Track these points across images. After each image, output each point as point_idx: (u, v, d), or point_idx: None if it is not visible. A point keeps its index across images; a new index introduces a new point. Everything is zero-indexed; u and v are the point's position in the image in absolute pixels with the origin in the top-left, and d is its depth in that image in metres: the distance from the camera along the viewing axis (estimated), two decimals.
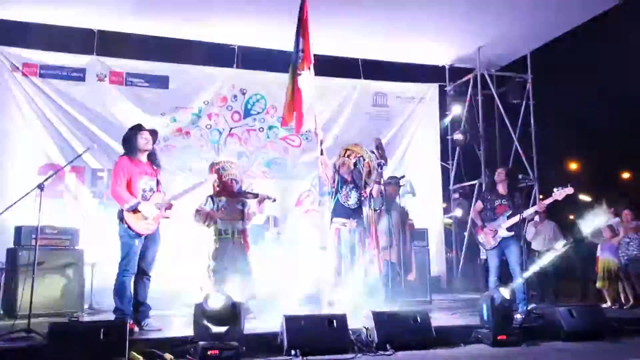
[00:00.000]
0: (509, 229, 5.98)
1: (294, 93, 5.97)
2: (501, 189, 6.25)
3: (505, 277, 6.14)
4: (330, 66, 8.94)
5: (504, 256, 6.15)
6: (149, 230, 4.95)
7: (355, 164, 5.92)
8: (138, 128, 5.13)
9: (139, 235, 4.88)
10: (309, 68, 5.96)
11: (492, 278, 6.15)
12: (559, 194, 5.92)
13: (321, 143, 5.90)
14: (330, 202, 5.90)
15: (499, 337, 4.73)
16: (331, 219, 5.85)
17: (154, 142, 5.21)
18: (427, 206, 9.46)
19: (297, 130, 6.16)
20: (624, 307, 7.05)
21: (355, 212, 5.84)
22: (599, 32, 9.81)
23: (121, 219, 4.89)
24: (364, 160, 5.96)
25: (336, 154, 6.19)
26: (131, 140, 5.07)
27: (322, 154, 5.89)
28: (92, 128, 8.09)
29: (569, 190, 5.92)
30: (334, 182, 5.88)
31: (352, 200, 5.83)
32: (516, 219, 6.01)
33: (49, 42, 8.29)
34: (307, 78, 5.97)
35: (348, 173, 5.91)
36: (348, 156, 5.98)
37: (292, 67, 6.03)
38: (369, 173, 5.94)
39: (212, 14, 7.96)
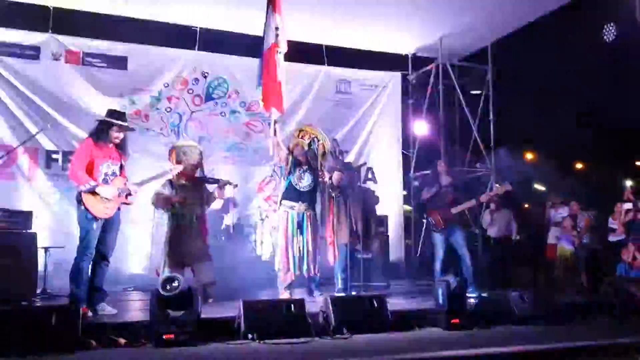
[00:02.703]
0: (455, 215, 6.56)
1: (273, 72, 5.68)
2: (444, 179, 6.82)
3: (449, 264, 6.53)
4: (293, 52, 8.85)
5: (449, 242, 6.63)
6: (107, 215, 4.85)
7: (309, 145, 5.81)
8: (113, 125, 4.94)
9: (97, 219, 4.79)
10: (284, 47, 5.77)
11: (437, 264, 6.65)
12: (499, 189, 6.79)
13: (275, 123, 5.71)
14: (282, 183, 5.80)
15: (452, 321, 4.85)
16: (280, 201, 5.76)
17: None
18: (387, 193, 9.56)
19: (280, 109, 5.76)
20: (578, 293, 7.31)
21: (306, 195, 5.73)
22: (560, 25, 10.02)
23: (79, 201, 4.78)
24: (319, 141, 5.84)
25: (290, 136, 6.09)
26: (103, 131, 4.92)
27: (274, 134, 5.71)
28: (47, 108, 7.83)
29: (508, 187, 6.73)
30: (287, 163, 5.77)
31: (305, 182, 5.73)
32: (465, 205, 6.65)
33: (2, 18, 7.97)
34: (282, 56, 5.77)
35: (302, 154, 5.79)
36: (302, 137, 5.86)
37: (268, 45, 5.74)
38: (324, 154, 5.88)
39: None
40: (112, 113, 5.04)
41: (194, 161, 5.97)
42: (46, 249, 6.39)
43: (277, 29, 5.65)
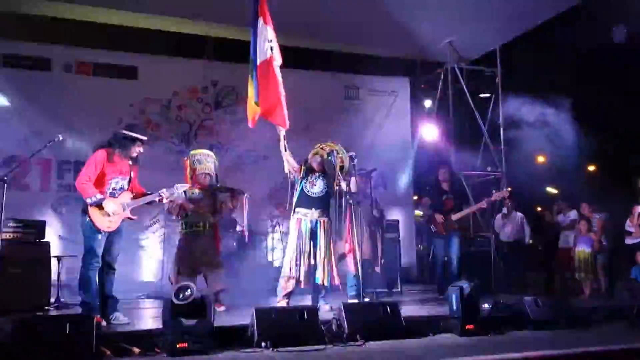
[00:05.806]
0: (457, 221, 6.92)
1: (274, 86, 5.50)
2: (445, 185, 7.16)
3: (460, 268, 6.85)
4: (301, 58, 8.90)
5: (449, 247, 6.97)
6: (110, 229, 4.82)
7: (328, 154, 5.75)
8: (138, 140, 5.01)
9: (100, 231, 4.79)
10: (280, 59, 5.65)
11: (438, 269, 7.07)
12: (496, 195, 7.14)
13: (284, 138, 5.58)
14: (295, 191, 5.70)
15: (467, 327, 4.82)
16: (294, 209, 5.67)
17: None
18: (398, 199, 9.54)
19: (284, 125, 5.48)
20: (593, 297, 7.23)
21: (318, 201, 5.62)
22: (568, 27, 9.96)
23: (85, 211, 4.79)
24: (338, 154, 5.81)
25: (308, 150, 6.01)
26: (125, 145, 4.93)
27: (285, 150, 5.60)
28: (58, 119, 7.90)
29: (505, 193, 7.26)
30: (299, 172, 5.69)
31: (317, 189, 5.63)
32: (465, 212, 7.03)
33: (15, 31, 8.07)
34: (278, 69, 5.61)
35: (318, 163, 5.73)
36: (322, 148, 5.82)
37: (262, 59, 5.57)
38: (342, 168, 5.81)
39: (182, 4, 7.84)
40: (133, 126, 5.06)
41: (207, 170, 6.00)
42: (59, 258, 6.42)
43: (270, 41, 5.50)
